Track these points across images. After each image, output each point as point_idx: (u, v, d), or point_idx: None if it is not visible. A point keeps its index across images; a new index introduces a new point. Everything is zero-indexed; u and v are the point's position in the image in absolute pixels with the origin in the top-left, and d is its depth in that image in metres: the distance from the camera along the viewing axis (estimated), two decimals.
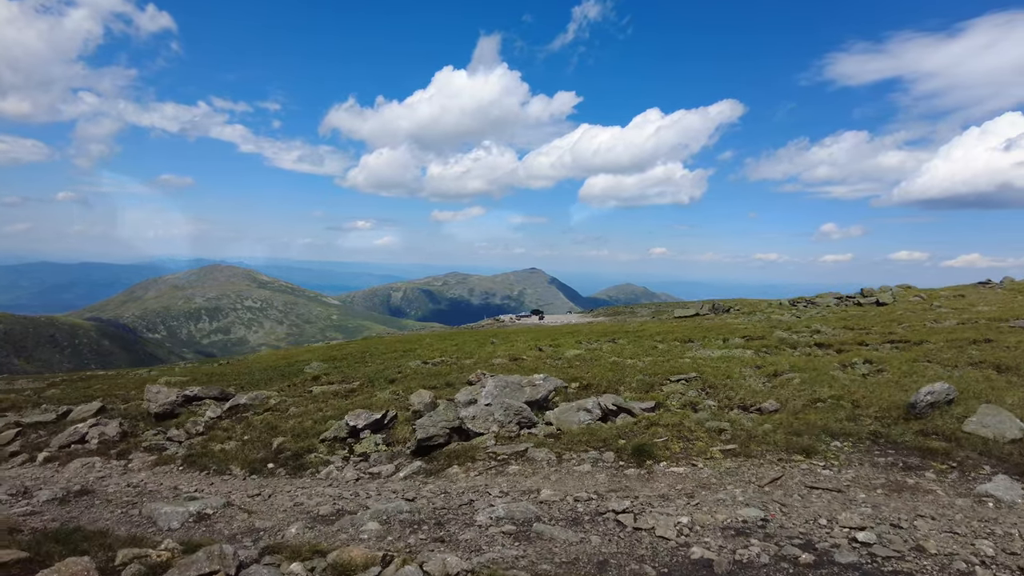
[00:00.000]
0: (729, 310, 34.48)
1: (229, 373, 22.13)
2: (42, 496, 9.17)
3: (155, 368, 71.26)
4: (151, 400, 15.02)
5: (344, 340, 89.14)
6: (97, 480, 10.59)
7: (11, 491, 9.75)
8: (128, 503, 8.80)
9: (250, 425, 12.92)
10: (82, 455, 12.36)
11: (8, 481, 10.61)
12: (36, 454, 12.83)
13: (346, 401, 14.46)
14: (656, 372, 14.53)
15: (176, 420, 14.02)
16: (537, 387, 11.58)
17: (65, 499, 9.04)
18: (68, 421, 15.00)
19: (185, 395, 14.92)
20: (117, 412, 15.79)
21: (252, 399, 14.71)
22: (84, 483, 10.25)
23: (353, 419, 10.98)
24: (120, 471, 11.19)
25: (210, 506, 7.92)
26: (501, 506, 7.05)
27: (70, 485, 10.09)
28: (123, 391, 20.79)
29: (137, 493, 9.40)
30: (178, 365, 61.97)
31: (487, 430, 10.01)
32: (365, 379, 17.86)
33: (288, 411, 14.16)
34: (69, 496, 9.22)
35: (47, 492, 9.27)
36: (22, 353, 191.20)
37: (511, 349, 21.75)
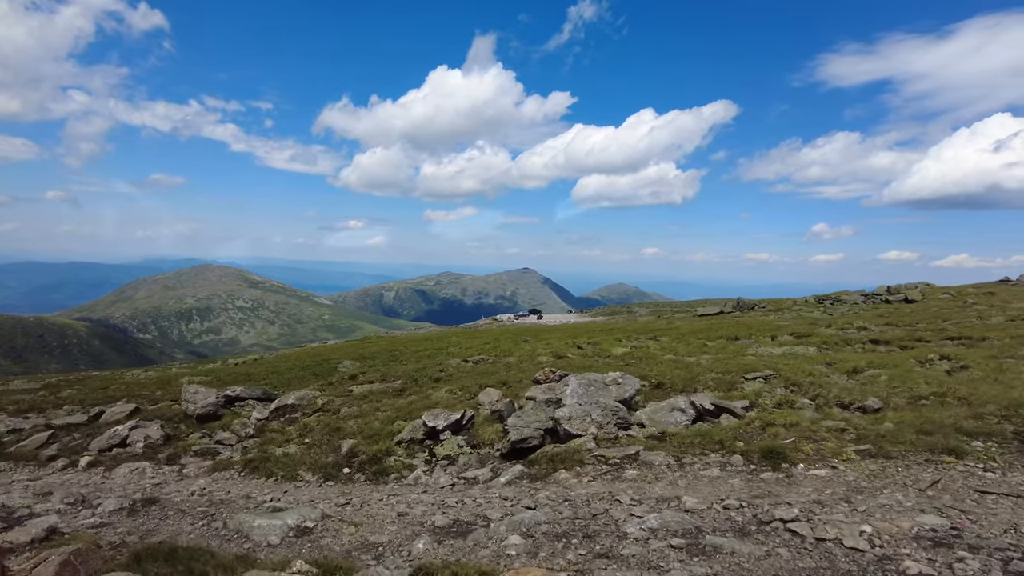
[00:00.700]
0: (754, 308, 33.88)
1: (256, 372, 21.23)
2: (107, 506, 8.32)
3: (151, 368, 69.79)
4: (189, 401, 14.14)
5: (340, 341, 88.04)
6: (155, 487, 9.74)
7: (68, 500, 8.89)
8: (204, 514, 7.96)
9: (307, 427, 12.08)
10: (128, 459, 11.48)
11: (59, 489, 9.74)
12: (76, 458, 11.93)
13: (399, 400, 13.66)
14: (727, 370, 13.82)
15: (220, 422, 13.17)
16: (622, 386, 10.82)
17: (133, 509, 8.20)
18: (103, 423, 14.10)
19: (227, 395, 14.05)
20: (150, 413, 14.90)
21: (300, 399, 13.87)
22: (143, 491, 9.41)
23: (432, 419, 10.18)
24: (175, 477, 10.34)
25: (307, 518, 7.10)
26: (651, 517, 6.31)
27: (129, 493, 9.23)
28: (146, 391, 19.85)
29: (208, 503, 8.56)
30: (173, 364, 60.61)
31: (584, 431, 9.25)
32: (407, 378, 17.04)
33: (340, 412, 13.34)
34: (136, 506, 8.37)
35: (112, 502, 8.41)
36: (10, 354, 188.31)
37: (549, 347, 20.99)
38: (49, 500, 8.96)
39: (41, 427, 14.59)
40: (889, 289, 32.21)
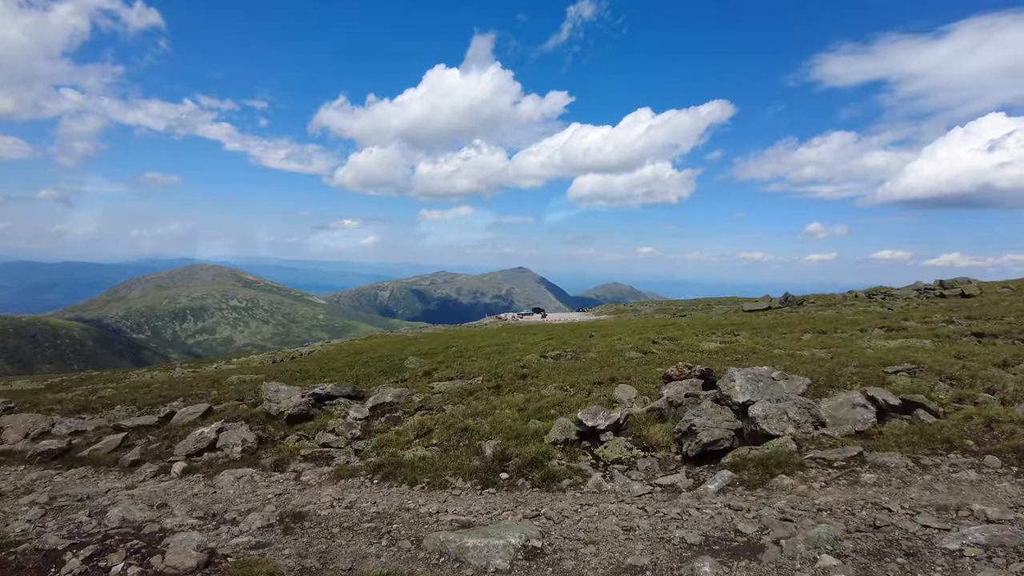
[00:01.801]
0: (803, 303, 32.88)
1: (312, 369, 19.94)
2: (250, 522, 7.10)
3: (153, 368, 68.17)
4: (272, 400, 12.89)
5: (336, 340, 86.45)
6: (280, 498, 8.50)
7: (195, 514, 7.66)
8: (375, 531, 6.75)
9: (423, 428, 10.86)
10: (227, 465, 10.23)
11: (174, 500, 8.49)
12: (166, 464, 10.68)
13: (508, 398, 12.46)
14: (863, 363, 12.70)
15: (313, 423, 11.92)
16: (790, 381, 9.70)
17: (287, 527, 6.98)
18: (176, 425, 12.83)
19: (315, 394, 12.80)
20: (225, 414, 13.64)
21: (397, 397, 12.65)
22: (277, 503, 8.18)
23: (590, 418, 9.00)
24: (295, 486, 9.10)
25: (529, 535, 5.92)
26: (974, 531, 5.18)
27: (259, 506, 8.00)
28: (198, 390, 18.54)
29: (366, 517, 7.33)
30: (175, 364, 58.98)
31: (782, 431, 8.11)
32: (488, 374, 15.85)
33: (446, 410, 12.14)
34: (284, 521, 7.15)
35: (256, 517, 7.19)
36: (2, 354, 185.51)
37: (619, 342, 19.83)
38: (172, 514, 7.73)
39: (108, 429, 13.31)
40: (942, 283, 31.31)
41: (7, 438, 13.25)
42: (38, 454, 11.90)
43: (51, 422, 14.35)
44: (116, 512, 7.67)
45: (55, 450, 11.89)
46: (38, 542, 6.57)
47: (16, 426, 13.67)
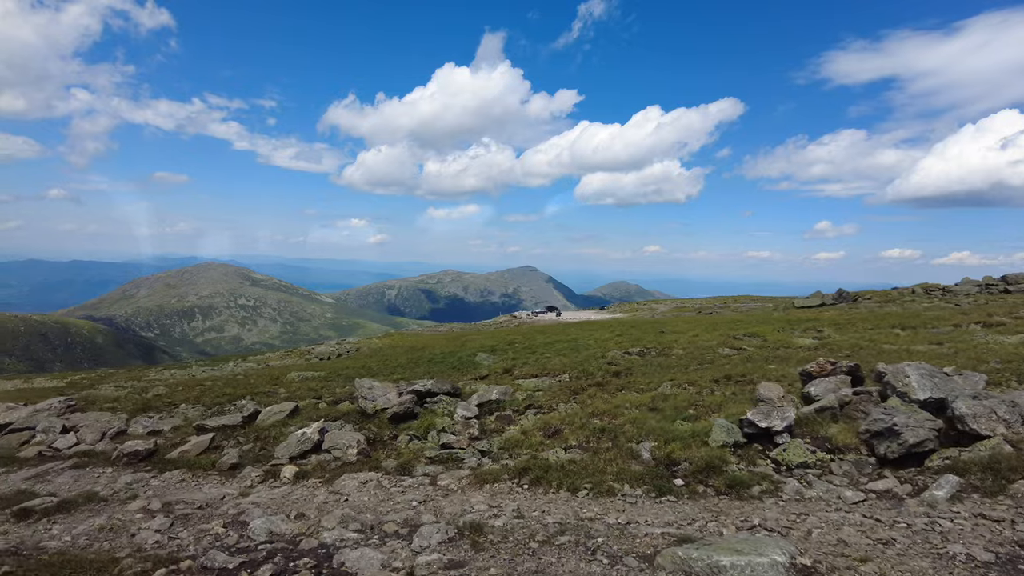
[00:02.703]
0: (858, 299, 31.90)
1: (375, 366, 19.11)
2: (425, 536, 6.26)
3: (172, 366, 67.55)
4: (367, 398, 12.05)
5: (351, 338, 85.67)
6: (427, 505, 7.66)
7: (353, 526, 6.81)
8: (578, 545, 5.89)
9: (549, 427, 10.00)
10: (344, 469, 9.38)
11: (308, 509, 7.65)
12: (269, 468, 9.84)
13: (624, 397, 11.60)
14: (1006, 358, 11.79)
15: (418, 422, 11.08)
16: (966, 377, 8.81)
17: (474, 541, 6.13)
18: (263, 425, 12.01)
19: (415, 391, 11.95)
20: (313, 413, 12.83)
21: (502, 395, 11.80)
22: (424, 511, 7.34)
23: (763, 418, 8.13)
24: (435, 491, 8.24)
25: (788, 551, 5.06)
26: None
27: (422, 517, 7.16)
28: (256, 388, 17.73)
29: (555, 528, 6.46)
30: (192, 362, 58.11)
31: (992, 431, 7.22)
32: (577, 371, 15.01)
33: (558, 409, 11.30)
34: (465, 535, 6.31)
35: (432, 531, 6.34)
36: (13, 353, 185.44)
37: (696, 339, 18.93)
38: (322, 526, 6.91)
39: (188, 429, 12.51)
40: (1005, 279, 30.32)
41: (84, 438, 12.47)
42: (124, 455, 11.10)
43: (124, 421, 13.57)
44: (259, 524, 6.83)
45: (142, 451, 11.09)
46: (205, 559, 5.74)
47: (91, 425, 12.88)
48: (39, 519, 8.31)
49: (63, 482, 10.34)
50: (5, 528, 8.09)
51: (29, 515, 8.50)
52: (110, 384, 51.93)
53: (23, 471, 11.30)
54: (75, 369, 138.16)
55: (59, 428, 13.40)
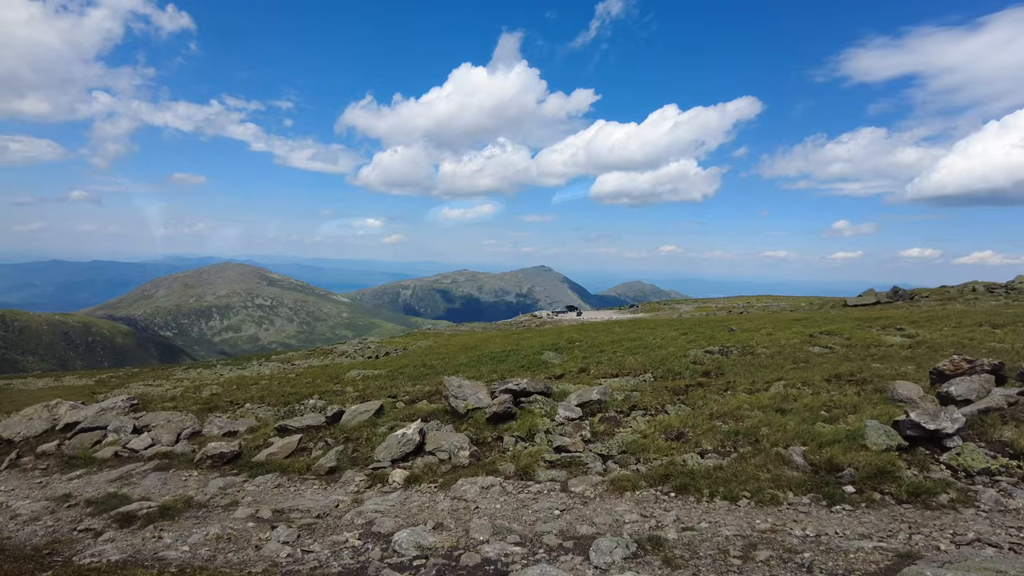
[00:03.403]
0: (914, 297, 30.84)
1: (437, 364, 18.47)
2: (610, 552, 5.57)
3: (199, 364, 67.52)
4: (458, 396, 11.39)
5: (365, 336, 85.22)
6: (571, 514, 6.98)
7: (511, 539, 6.15)
8: (790, 564, 5.17)
9: (674, 430, 9.29)
10: (457, 473, 8.72)
11: (445, 518, 6.99)
12: (372, 471, 9.21)
13: (746, 397, 10.89)
14: None
15: (517, 423, 10.39)
16: None
17: (667, 557, 5.44)
18: (350, 426, 11.39)
19: (508, 390, 11.27)
20: (402, 413, 12.20)
21: (603, 395, 11.09)
22: (574, 521, 6.66)
23: (930, 421, 7.35)
24: (572, 499, 7.53)
25: None
26: None
27: (572, 527, 6.48)
28: (318, 387, 17.16)
29: (743, 543, 5.73)
30: (217, 361, 57.80)
31: None
32: (662, 371, 14.29)
33: (669, 412, 10.58)
34: (648, 549, 5.62)
35: (612, 545, 5.65)
36: (36, 351, 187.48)
37: (770, 337, 18.10)
38: (472, 538, 6.24)
39: (267, 430, 11.92)
40: None
41: (160, 438, 11.92)
42: (208, 458, 10.53)
43: (196, 421, 13.03)
44: (405, 537, 6.18)
45: (227, 454, 10.51)
46: None
47: (164, 426, 12.34)
48: (143, 525, 7.74)
49: (151, 485, 9.80)
50: (111, 535, 7.53)
51: (131, 521, 7.94)
52: (140, 382, 51.98)
53: (104, 473, 10.79)
54: (96, 368, 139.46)
55: (130, 428, 12.90)
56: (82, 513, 8.65)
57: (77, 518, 8.45)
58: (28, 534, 8.00)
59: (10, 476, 11.85)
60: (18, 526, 8.39)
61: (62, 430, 13.91)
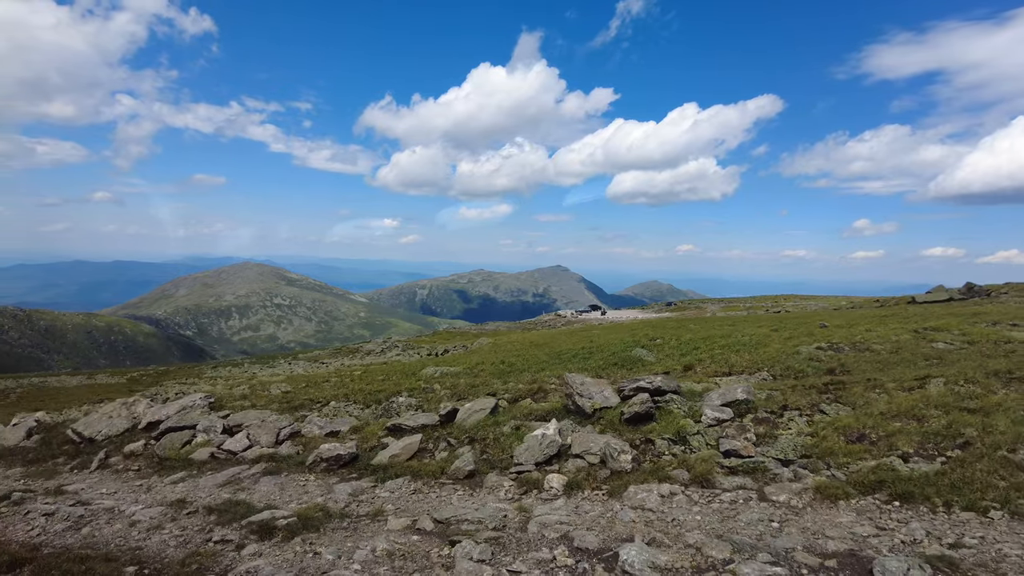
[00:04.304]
0: (991, 293, 29.50)
1: (517, 363, 17.58)
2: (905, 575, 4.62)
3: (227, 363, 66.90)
4: (583, 395, 10.49)
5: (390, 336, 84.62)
6: (794, 525, 6.05)
7: (762, 558, 5.21)
8: None
9: (855, 432, 8.32)
10: (623, 479, 7.81)
11: (661, 533, 6.08)
12: (517, 475, 8.34)
13: (903, 396, 9.88)
14: None
15: (659, 424, 9.47)
16: None
17: None
18: (466, 425, 10.53)
19: (640, 387, 10.34)
20: (514, 411, 11.33)
21: (747, 394, 10.13)
22: (831, 543, 5.72)
23: None
24: (775, 509, 6.61)
25: None
26: None
27: (819, 544, 5.55)
28: (404, 383, 16.34)
29: None
30: (243, 360, 57.39)
31: None
32: (778, 369, 13.30)
33: (827, 412, 9.60)
34: (941, 570, 4.67)
35: (900, 565, 4.71)
36: (62, 350, 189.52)
37: (869, 333, 17.00)
38: (721, 557, 5.30)
39: (373, 429, 11.09)
40: None
41: (259, 439, 11.14)
42: (322, 460, 9.71)
43: (290, 421, 12.24)
44: (634, 556, 5.27)
45: (344, 456, 9.69)
46: None
47: (260, 426, 11.55)
48: (287, 537, 6.90)
49: (268, 491, 9.00)
50: (255, 548, 6.70)
51: (271, 532, 7.10)
52: (173, 381, 51.73)
53: (208, 476, 10.02)
54: (119, 367, 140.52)
55: (220, 428, 12.15)
56: (206, 521, 7.84)
57: (204, 527, 7.65)
58: (158, 544, 7.21)
59: (104, 477, 11.15)
60: (142, 534, 7.60)
61: (144, 429, 13.21)
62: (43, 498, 9.81)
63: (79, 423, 13.89)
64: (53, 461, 12.60)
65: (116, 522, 8.17)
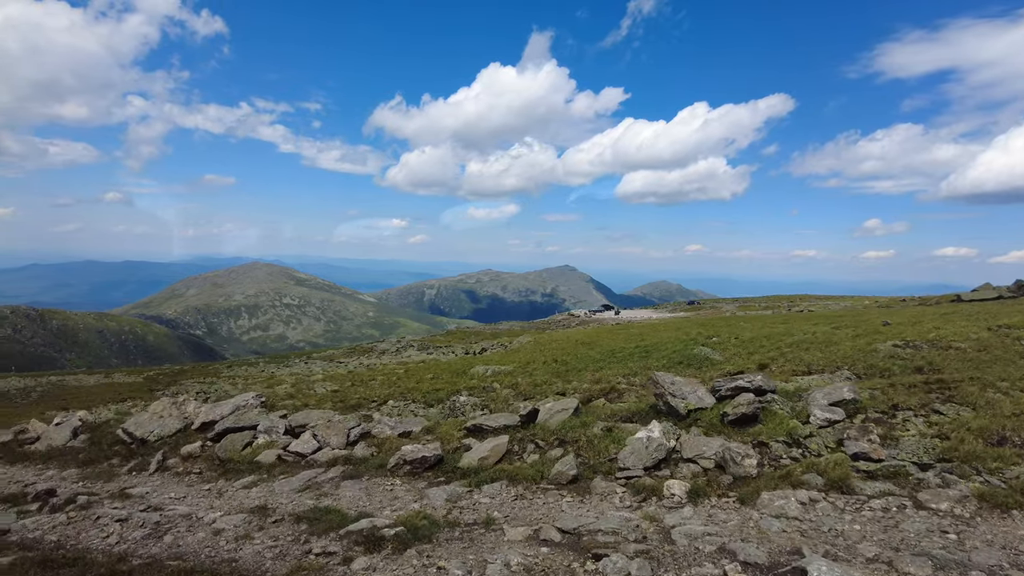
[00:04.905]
0: None
1: (570, 361, 16.98)
2: None
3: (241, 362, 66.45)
4: (675, 394, 9.88)
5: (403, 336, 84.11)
6: (997, 549, 5.42)
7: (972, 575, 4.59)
8: None
9: (994, 434, 7.69)
10: (752, 486, 7.21)
11: (870, 546, 5.47)
12: (627, 481, 7.75)
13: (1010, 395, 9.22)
14: None
15: (766, 426, 8.86)
16: None
17: None
18: (551, 426, 9.95)
19: (741, 387, 9.72)
20: (595, 410, 10.73)
21: (855, 393, 9.49)
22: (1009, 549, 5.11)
23: None
24: (941, 519, 6.00)
25: None
26: None
27: None
28: (459, 383, 15.77)
29: None
30: (259, 359, 56.92)
31: None
32: (860, 368, 12.66)
33: (944, 413, 8.96)
34: None
35: None
36: (73, 348, 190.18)
37: (939, 332, 16.32)
38: None
39: (448, 430, 10.52)
40: None
41: (328, 441, 10.58)
42: (406, 463, 9.15)
43: (358, 422, 11.69)
44: (824, 574, 4.67)
45: (429, 459, 9.13)
46: None
47: (330, 427, 10.99)
48: (399, 549, 6.34)
49: (354, 497, 8.44)
50: (367, 562, 6.15)
51: (379, 544, 6.53)
52: (192, 380, 51.27)
53: (282, 481, 9.47)
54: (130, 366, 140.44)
55: (282, 428, 11.62)
56: (297, 530, 7.28)
57: (297, 537, 7.09)
58: (253, 556, 6.66)
59: (165, 480, 10.63)
60: (231, 544, 7.05)
61: (199, 429, 12.70)
62: (110, 502, 9.32)
63: (129, 423, 13.40)
64: (108, 463, 12.11)
65: (198, 530, 7.64)
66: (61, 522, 8.43)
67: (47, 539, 7.84)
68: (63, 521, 8.46)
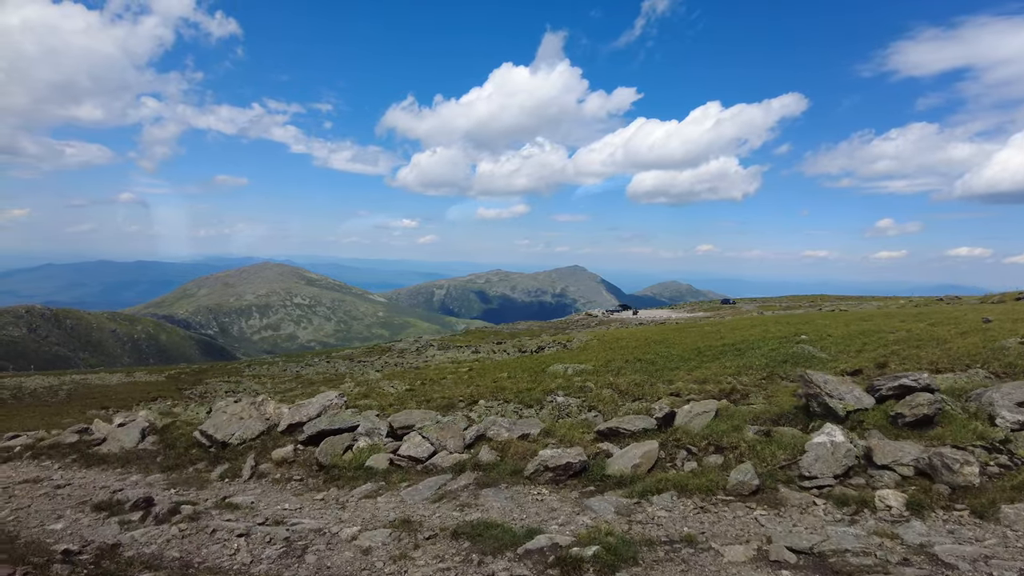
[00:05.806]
0: None
1: (656, 360, 16.09)
2: None
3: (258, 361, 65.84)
4: (832, 394, 8.99)
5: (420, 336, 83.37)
6: None
7: None
8: None
9: None
10: (981, 498, 6.33)
11: None
12: (824, 492, 6.87)
13: None
14: None
15: (943, 429, 7.97)
16: None
17: None
18: (691, 430, 9.08)
19: (905, 386, 8.82)
20: (735, 414, 9.86)
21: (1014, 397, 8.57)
22: None
23: None
24: None
25: None
26: None
27: None
28: (539, 384, 14.92)
29: None
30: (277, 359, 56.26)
31: None
32: (992, 365, 11.74)
33: None
34: None
35: None
36: (87, 347, 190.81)
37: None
38: None
39: (577, 434, 9.66)
40: None
41: (445, 444, 9.74)
42: (547, 470, 8.31)
43: (468, 423, 10.85)
44: None
45: (574, 465, 8.29)
46: None
47: (442, 428, 10.15)
48: (606, 574, 5.49)
49: (505, 508, 7.60)
50: None
51: (578, 567, 5.68)
52: (217, 380, 50.66)
53: (408, 489, 8.64)
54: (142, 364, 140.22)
55: (385, 431, 10.81)
56: (460, 548, 6.42)
57: (465, 556, 6.22)
58: None
59: (265, 488, 9.82)
60: (391, 567, 6.16)
61: (285, 431, 11.90)
62: (218, 513, 8.48)
63: (206, 425, 12.62)
64: (193, 467, 11.32)
65: (340, 548, 6.79)
66: (174, 535, 7.58)
67: (167, 555, 7.00)
68: (176, 534, 7.60)
